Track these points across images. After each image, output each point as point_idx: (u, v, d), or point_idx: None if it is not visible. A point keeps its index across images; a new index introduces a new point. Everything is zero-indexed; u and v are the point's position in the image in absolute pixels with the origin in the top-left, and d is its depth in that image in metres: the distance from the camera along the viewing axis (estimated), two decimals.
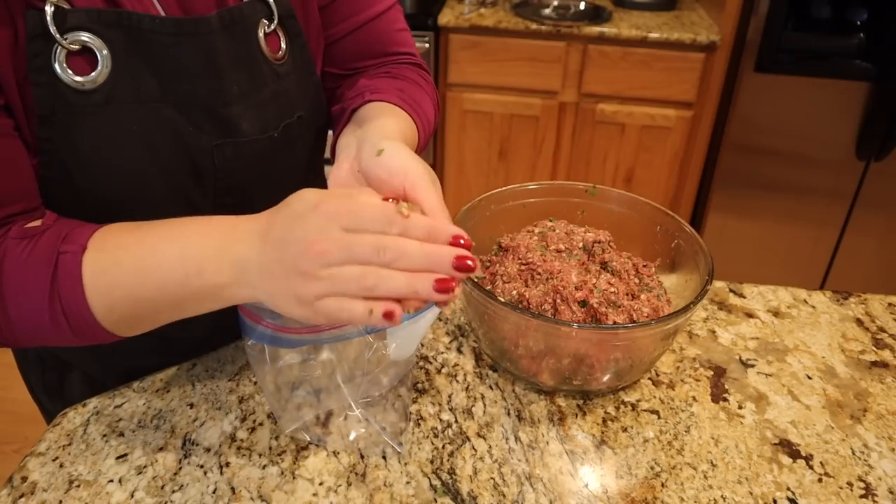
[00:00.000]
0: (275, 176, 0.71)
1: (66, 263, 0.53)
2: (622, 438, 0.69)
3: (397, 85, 0.73)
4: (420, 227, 0.47)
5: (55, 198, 0.60)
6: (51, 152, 0.57)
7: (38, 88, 0.55)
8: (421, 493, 0.62)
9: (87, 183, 0.59)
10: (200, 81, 0.61)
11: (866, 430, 0.71)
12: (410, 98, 0.71)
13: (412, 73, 0.78)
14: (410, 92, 0.73)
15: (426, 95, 0.76)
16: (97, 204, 0.61)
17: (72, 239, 0.54)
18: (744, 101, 2.09)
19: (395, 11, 0.78)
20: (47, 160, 0.58)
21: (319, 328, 0.65)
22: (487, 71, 2.25)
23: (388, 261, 0.46)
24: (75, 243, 0.54)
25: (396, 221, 0.47)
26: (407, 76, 0.77)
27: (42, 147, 0.57)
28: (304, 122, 0.71)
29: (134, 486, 0.62)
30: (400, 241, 0.47)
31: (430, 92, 0.78)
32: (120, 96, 0.58)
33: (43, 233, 0.55)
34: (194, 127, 0.62)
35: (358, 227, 0.47)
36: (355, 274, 0.47)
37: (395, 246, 0.47)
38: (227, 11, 0.61)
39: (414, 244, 0.47)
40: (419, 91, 0.75)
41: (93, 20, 0.55)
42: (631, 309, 0.70)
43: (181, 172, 0.63)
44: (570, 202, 0.86)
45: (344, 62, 0.77)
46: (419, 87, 0.76)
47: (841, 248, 2.28)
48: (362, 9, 0.74)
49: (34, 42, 0.54)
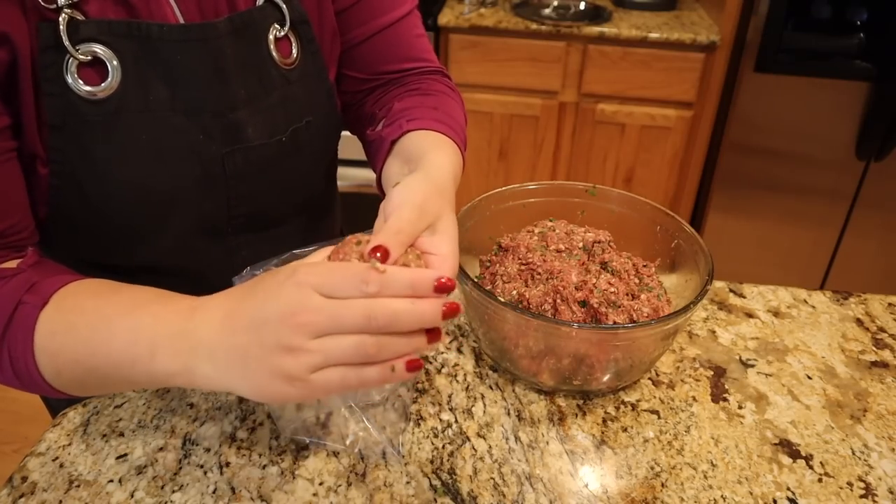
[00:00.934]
0: (286, 183, 0.71)
1: (23, 315, 0.52)
2: (622, 438, 0.69)
3: (430, 103, 0.72)
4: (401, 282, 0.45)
5: (65, 207, 0.60)
6: (61, 162, 0.58)
7: (49, 99, 0.55)
8: (421, 493, 0.62)
9: (97, 192, 0.60)
10: (208, 87, 0.61)
11: (866, 430, 0.71)
12: (447, 116, 0.70)
13: (440, 85, 0.77)
14: (445, 108, 0.72)
15: (457, 106, 0.76)
16: (107, 212, 0.61)
17: (36, 290, 0.54)
18: (744, 101, 2.09)
19: (413, 17, 0.77)
20: (58, 169, 0.58)
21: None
22: (487, 71, 2.25)
23: (380, 327, 0.44)
24: (38, 296, 0.53)
25: (371, 279, 0.44)
26: (436, 90, 0.76)
27: (52, 157, 0.57)
28: (314, 128, 0.71)
29: (134, 486, 0.62)
30: (388, 305, 0.44)
31: (458, 100, 0.78)
32: (130, 105, 0.58)
33: (14, 276, 0.54)
34: (204, 135, 0.62)
35: (332, 291, 0.45)
36: (352, 343, 0.45)
37: (385, 311, 0.44)
38: (237, 16, 0.62)
39: (403, 304, 0.44)
40: (451, 103, 0.75)
41: (104, 31, 0.56)
42: (631, 309, 0.70)
43: (192, 181, 0.63)
44: (570, 202, 0.86)
45: (364, 67, 0.76)
46: (450, 99, 0.76)
47: (841, 248, 2.28)
48: (380, 14, 0.74)
49: (46, 53, 0.54)
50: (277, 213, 0.52)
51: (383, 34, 0.75)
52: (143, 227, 0.64)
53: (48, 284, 0.54)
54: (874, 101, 2.00)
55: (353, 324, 0.44)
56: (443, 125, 0.68)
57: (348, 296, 0.45)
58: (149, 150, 0.60)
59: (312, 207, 0.80)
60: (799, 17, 1.97)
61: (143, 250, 0.67)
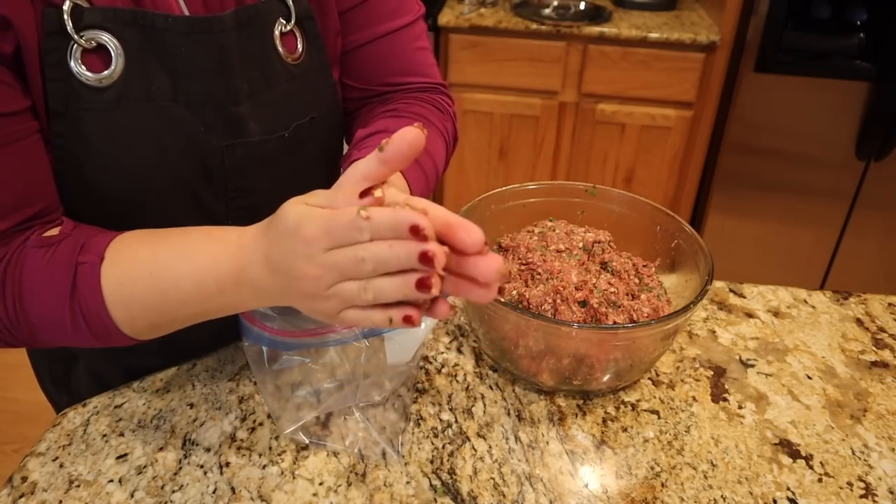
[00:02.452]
0: (287, 178, 0.71)
1: (85, 275, 0.54)
2: (622, 438, 0.69)
3: (396, 127, 0.70)
4: (385, 227, 0.45)
5: (67, 191, 0.61)
6: (63, 147, 0.58)
7: (52, 84, 0.56)
8: (421, 493, 0.62)
9: (98, 179, 0.60)
10: (212, 80, 0.61)
11: (866, 430, 0.71)
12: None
13: (419, 107, 0.76)
14: None
15: (435, 132, 0.75)
16: (107, 199, 0.61)
17: (89, 249, 0.55)
18: (744, 101, 2.09)
19: (415, 28, 0.76)
20: (60, 154, 0.59)
21: (316, 331, 0.65)
22: (487, 71, 2.25)
23: (370, 271, 0.46)
24: (93, 254, 0.55)
25: (363, 227, 0.45)
26: (413, 112, 0.75)
27: (55, 142, 0.58)
28: (317, 124, 0.70)
29: (134, 486, 0.62)
30: (372, 248, 0.46)
31: (438, 123, 0.76)
32: (132, 94, 0.58)
33: (61, 242, 0.56)
34: (206, 127, 0.62)
35: (335, 243, 0.47)
36: (355, 289, 0.47)
37: (370, 255, 0.46)
38: (243, 10, 0.62)
39: (383, 247, 0.45)
40: (427, 129, 0.74)
41: (108, 18, 0.56)
42: (631, 309, 0.70)
43: (191, 172, 0.64)
44: (570, 202, 0.86)
45: (360, 76, 0.76)
46: (429, 124, 0.74)
47: (841, 248, 2.28)
48: (382, 20, 0.73)
49: (50, 38, 0.55)
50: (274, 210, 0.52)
51: (382, 42, 0.74)
52: (141, 217, 0.64)
53: (98, 242, 0.56)
54: (874, 101, 2.00)
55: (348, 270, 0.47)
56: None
57: (349, 243, 0.47)
58: (149, 139, 0.60)
59: None
60: (799, 17, 1.97)
61: None
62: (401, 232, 0.45)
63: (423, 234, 0.44)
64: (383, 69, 0.76)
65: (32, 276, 0.54)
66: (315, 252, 0.47)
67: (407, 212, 0.45)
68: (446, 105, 0.80)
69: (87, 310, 0.54)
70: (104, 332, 0.56)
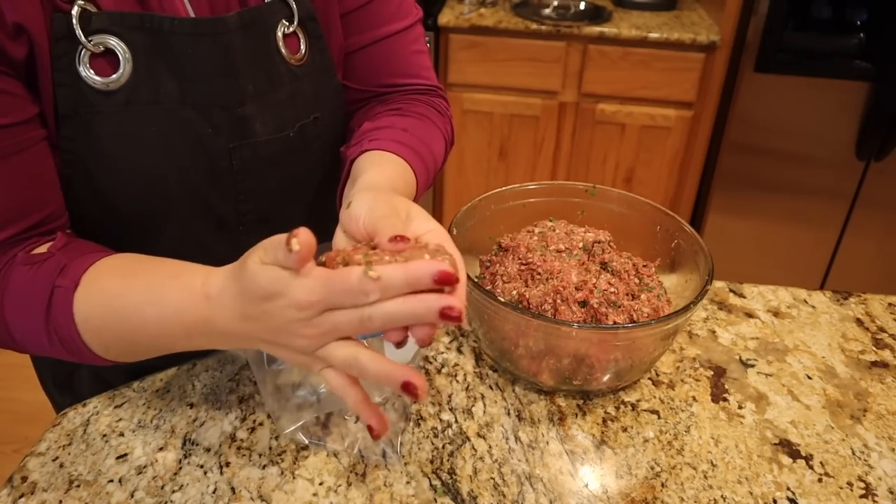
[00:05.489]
0: (294, 179, 0.71)
1: (59, 299, 0.54)
2: (622, 438, 0.69)
3: (402, 124, 0.71)
4: (397, 285, 0.44)
5: (76, 196, 0.61)
6: (72, 151, 0.59)
7: (61, 88, 0.56)
8: (421, 493, 0.62)
9: (107, 183, 0.60)
10: (218, 81, 0.62)
11: (866, 430, 0.71)
12: (413, 138, 0.70)
13: (423, 107, 0.77)
14: (416, 130, 0.71)
15: (434, 129, 0.75)
16: (116, 204, 0.62)
17: (67, 273, 0.55)
18: (743, 101, 2.09)
19: (413, 32, 0.77)
20: (68, 159, 0.59)
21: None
22: (487, 71, 2.25)
23: (377, 327, 0.46)
24: (69, 279, 0.55)
25: (371, 289, 0.44)
26: (417, 111, 0.75)
27: (64, 147, 0.58)
28: (321, 124, 0.71)
29: (134, 486, 0.62)
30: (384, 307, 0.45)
31: (440, 124, 0.77)
32: (140, 97, 0.59)
33: (45, 261, 0.56)
34: (213, 129, 0.63)
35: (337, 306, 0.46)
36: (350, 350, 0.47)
37: (381, 314, 0.45)
38: (246, 11, 0.62)
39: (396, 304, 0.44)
40: (426, 126, 0.74)
41: (116, 23, 0.57)
42: (631, 309, 0.70)
43: (199, 174, 0.64)
44: (570, 202, 0.86)
45: (359, 78, 0.76)
46: (428, 122, 0.75)
47: (841, 249, 2.28)
48: (381, 24, 0.74)
49: (59, 43, 0.55)
50: (283, 212, 0.53)
51: (381, 45, 0.75)
52: (151, 221, 0.64)
53: (76, 267, 0.56)
54: (874, 101, 2.00)
55: (352, 330, 0.47)
56: (402, 146, 0.67)
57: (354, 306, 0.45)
58: (157, 142, 0.60)
59: (322, 204, 0.80)
60: (799, 17, 1.97)
61: (152, 244, 0.67)
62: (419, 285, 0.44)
63: (449, 275, 0.43)
64: (382, 71, 0.76)
65: (14, 294, 0.55)
66: (310, 315, 0.46)
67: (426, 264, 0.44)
68: (444, 108, 0.80)
69: (61, 332, 0.55)
70: (79, 353, 0.56)
